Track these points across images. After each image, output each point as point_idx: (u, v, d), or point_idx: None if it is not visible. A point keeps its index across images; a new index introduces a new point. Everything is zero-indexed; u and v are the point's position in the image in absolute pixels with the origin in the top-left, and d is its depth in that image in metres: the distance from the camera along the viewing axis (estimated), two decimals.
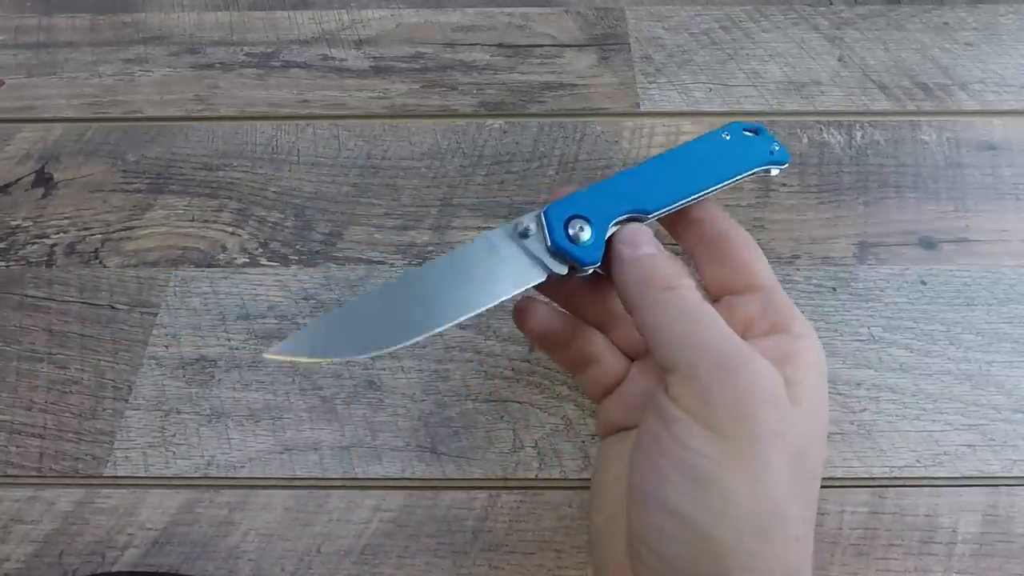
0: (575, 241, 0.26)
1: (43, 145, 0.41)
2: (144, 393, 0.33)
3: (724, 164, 0.28)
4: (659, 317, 0.23)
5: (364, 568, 0.29)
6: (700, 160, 0.28)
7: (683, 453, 0.21)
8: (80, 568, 0.29)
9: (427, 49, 0.45)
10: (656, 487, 0.22)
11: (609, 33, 0.46)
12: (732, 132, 0.28)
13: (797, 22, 0.46)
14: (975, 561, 0.29)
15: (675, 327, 0.23)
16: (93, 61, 0.45)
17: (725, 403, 0.21)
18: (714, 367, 0.22)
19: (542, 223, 0.26)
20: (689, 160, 0.27)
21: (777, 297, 0.26)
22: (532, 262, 0.26)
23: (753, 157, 0.28)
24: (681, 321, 0.23)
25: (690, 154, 0.28)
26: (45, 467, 0.31)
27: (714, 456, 0.21)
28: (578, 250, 0.25)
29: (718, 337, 0.23)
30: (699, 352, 0.22)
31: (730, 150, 0.28)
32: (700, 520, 0.21)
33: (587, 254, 0.26)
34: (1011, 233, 0.37)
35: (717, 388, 0.22)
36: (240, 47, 0.46)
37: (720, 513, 0.21)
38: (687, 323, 0.23)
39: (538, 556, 0.29)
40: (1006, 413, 0.32)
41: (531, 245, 0.26)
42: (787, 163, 0.28)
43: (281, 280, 0.36)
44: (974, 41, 0.45)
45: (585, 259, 0.26)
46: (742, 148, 0.28)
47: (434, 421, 0.32)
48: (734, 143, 0.28)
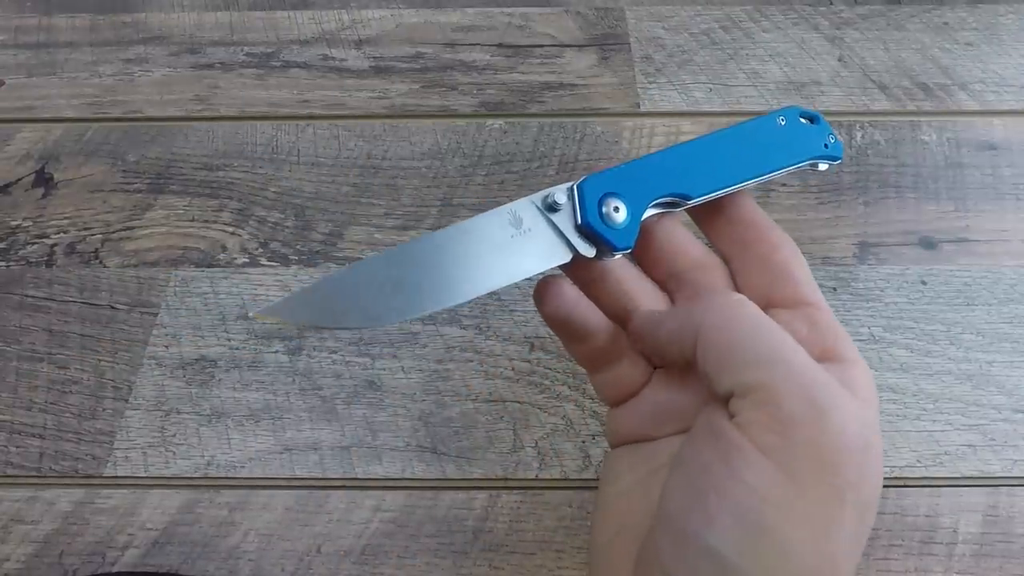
0: (608, 221, 0.23)
1: (43, 145, 0.41)
2: (144, 393, 0.33)
3: (775, 152, 0.25)
4: (731, 330, 0.20)
5: (364, 568, 0.29)
6: (750, 144, 0.25)
7: (742, 493, 0.18)
8: (80, 568, 0.29)
9: (427, 49, 0.45)
10: (700, 526, 0.19)
11: (609, 33, 0.46)
12: (788, 117, 0.26)
13: (797, 22, 0.46)
14: (975, 561, 0.29)
15: (753, 343, 0.20)
16: (93, 61, 0.45)
17: (810, 444, 0.18)
18: (804, 399, 0.19)
19: (574, 197, 0.24)
20: (738, 143, 0.25)
21: (826, 316, 0.23)
22: (558, 239, 0.23)
23: (806, 148, 0.25)
24: (759, 338, 0.20)
25: (741, 137, 0.25)
26: (45, 467, 0.31)
27: (781, 504, 0.18)
28: (610, 232, 0.23)
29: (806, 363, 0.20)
30: (786, 377, 0.19)
31: (784, 137, 0.25)
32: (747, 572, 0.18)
33: (620, 238, 0.23)
34: (1011, 233, 0.37)
35: (804, 425, 0.18)
36: (240, 47, 0.46)
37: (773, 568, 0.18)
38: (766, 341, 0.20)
39: (538, 556, 0.29)
40: (1007, 413, 0.32)
41: (559, 220, 0.23)
42: (840, 159, 0.26)
43: (281, 280, 0.36)
44: (974, 41, 0.45)
45: (617, 243, 0.23)
46: (796, 136, 0.25)
47: (434, 421, 0.32)
48: (789, 129, 0.25)
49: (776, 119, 0.26)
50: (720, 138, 0.25)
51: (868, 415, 0.20)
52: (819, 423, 0.19)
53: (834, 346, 0.22)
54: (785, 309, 0.23)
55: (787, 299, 0.23)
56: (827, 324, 0.22)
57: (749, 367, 0.20)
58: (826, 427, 0.18)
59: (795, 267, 0.24)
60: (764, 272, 0.24)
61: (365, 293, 0.22)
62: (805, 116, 0.26)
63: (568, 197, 0.24)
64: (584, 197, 0.23)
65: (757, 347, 0.20)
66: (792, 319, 0.22)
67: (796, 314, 0.23)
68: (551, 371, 0.33)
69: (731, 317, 0.21)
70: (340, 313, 0.22)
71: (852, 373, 0.21)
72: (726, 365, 0.20)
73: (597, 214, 0.23)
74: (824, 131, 0.26)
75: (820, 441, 0.18)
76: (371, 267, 0.23)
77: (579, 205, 0.23)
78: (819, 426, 0.18)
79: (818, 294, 0.23)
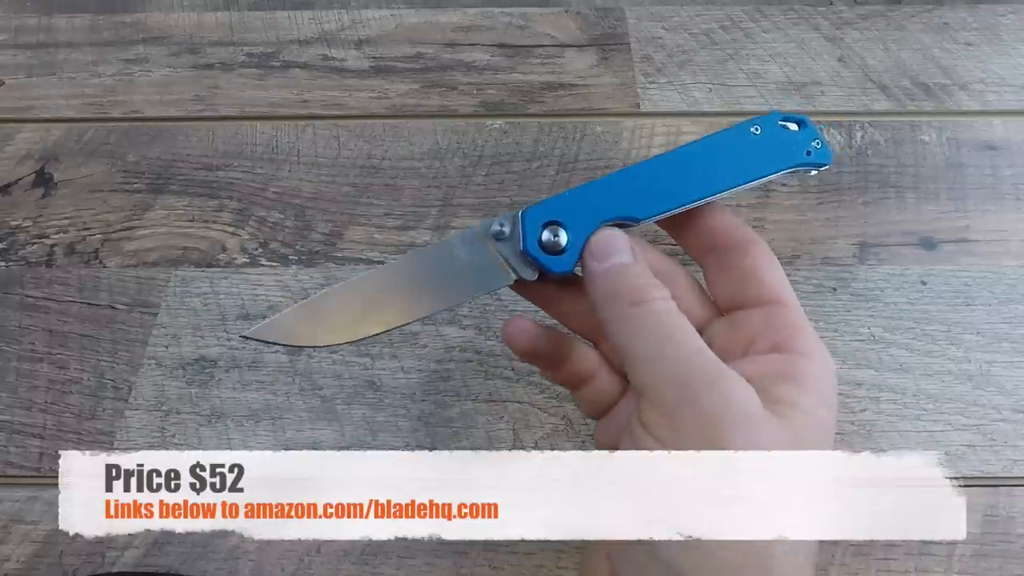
0: (549, 248, 0.24)
1: (43, 145, 0.41)
2: (144, 393, 0.33)
3: (744, 164, 0.25)
4: (626, 335, 0.22)
5: (364, 568, 0.29)
6: (715, 159, 0.25)
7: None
8: (80, 568, 0.29)
9: (427, 49, 0.45)
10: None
11: (609, 33, 0.46)
12: (765, 125, 0.25)
13: (797, 22, 0.46)
14: (975, 561, 0.29)
15: (642, 346, 0.21)
16: (93, 61, 0.45)
17: (693, 428, 0.20)
18: (680, 388, 0.20)
19: (518, 225, 0.25)
20: (702, 158, 0.25)
21: (784, 311, 0.24)
22: (501, 265, 0.25)
23: (784, 156, 0.25)
24: (649, 340, 0.21)
25: (706, 151, 0.25)
26: (45, 467, 0.31)
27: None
28: (548, 259, 0.24)
29: (687, 355, 0.21)
30: (666, 373, 0.21)
31: (756, 147, 0.25)
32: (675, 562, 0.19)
33: (558, 263, 0.24)
34: (1011, 233, 0.37)
35: (684, 411, 0.20)
36: (240, 47, 0.46)
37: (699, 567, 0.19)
38: (655, 342, 0.21)
39: (538, 556, 0.29)
40: (1006, 413, 0.32)
41: (503, 248, 0.25)
42: (827, 165, 0.25)
43: (281, 280, 0.36)
44: (974, 41, 0.45)
45: (554, 269, 0.24)
46: (772, 145, 0.25)
47: (434, 421, 0.32)
48: (764, 139, 0.25)
49: (749, 128, 0.25)
50: (684, 153, 0.25)
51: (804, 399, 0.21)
52: (696, 405, 0.20)
53: (788, 340, 0.23)
54: (748, 309, 0.24)
55: (753, 299, 0.24)
56: (784, 320, 0.23)
57: (643, 369, 0.21)
58: (702, 407, 0.20)
59: (763, 269, 0.24)
60: (732, 277, 0.25)
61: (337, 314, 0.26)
62: (791, 120, 0.25)
63: (512, 226, 0.25)
64: (526, 225, 0.25)
65: (646, 349, 0.21)
66: (747, 317, 0.24)
67: (754, 312, 0.24)
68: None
69: (628, 323, 0.22)
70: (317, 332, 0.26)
71: (802, 364, 0.22)
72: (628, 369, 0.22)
73: (536, 242, 0.24)
74: (808, 137, 0.25)
75: (701, 421, 0.20)
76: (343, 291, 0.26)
77: (522, 232, 0.25)
78: (696, 408, 0.20)
79: (786, 292, 0.24)
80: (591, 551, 0.24)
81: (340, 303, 0.26)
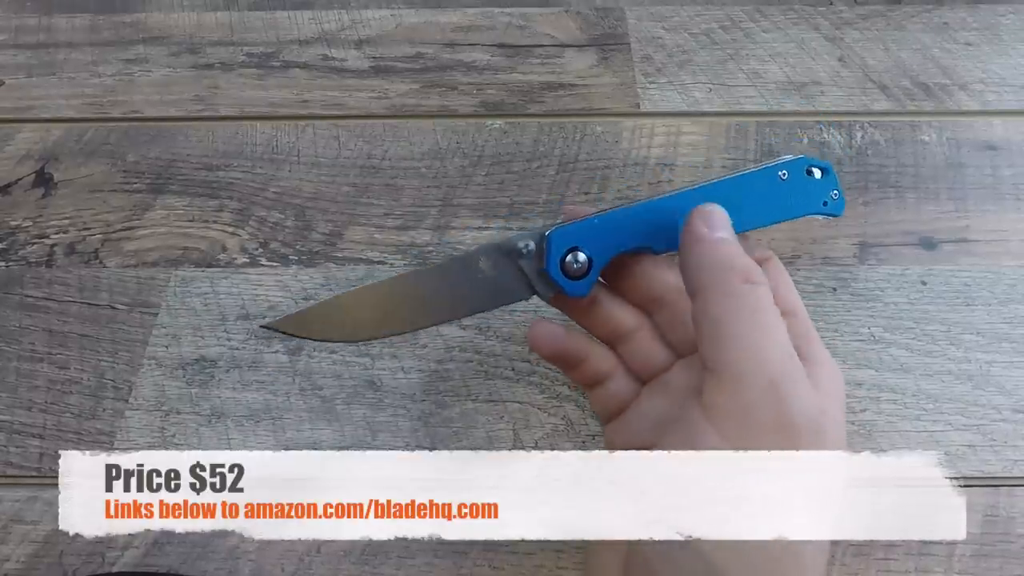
0: (569, 272, 0.25)
1: (43, 145, 0.41)
2: (144, 393, 0.33)
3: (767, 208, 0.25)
4: (727, 309, 0.21)
5: (364, 568, 0.29)
6: (740, 199, 0.25)
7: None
8: (80, 568, 0.29)
9: (427, 49, 0.45)
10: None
11: (609, 33, 0.46)
12: (793, 170, 0.25)
13: (797, 22, 0.46)
14: (975, 561, 0.29)
15: (741, 327, 0.21)
16: (93, 61, 0.45)
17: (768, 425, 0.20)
18: (767, 385, 0.20)
19: (542, 246, 0.26)
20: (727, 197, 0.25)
21: (796, 322, 0.24)
22: (521, 281, 0.26)
23: (803, 204, 0.26)
24: (750, 323, 0.21)
25: (732, 190, 0.25)
26: (45, 467, 0.31)
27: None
28: (568, 283, 0.25)
29: (782, 356, 0.21)
30: (756, 364, 0.20)
31: (781, 191, 0.25)
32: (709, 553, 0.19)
33: (576, 288, 0.25)
34: (1011, 233, 0.37)
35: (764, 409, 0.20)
36: (240, 47, 0.46)
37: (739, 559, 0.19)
38: (757, 328, 0.21)
39: (538, 556, 0.29)
40: (1006, 413, 0.32)
41: (525, 265, 0.26)
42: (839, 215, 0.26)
43: (281, 280, 0.36)
44: (974, 41, 0.45)
45: (572, 293, 0.25)
46: (795, 192, 0.26)
47: (434, 421, 0.32)
48: (790, 184, 0.25)
49: (778, 172, 0.26)
50: (708, 191, 0.25)
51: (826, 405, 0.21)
52: (780, 406, 0.20)
53: (801, 349, 0.23)
54: None
55: None
56: (796, 330, 0.24)
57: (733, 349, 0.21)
58: (785, 409, 0.20)
59: (776, 282, 0.25)
60: None
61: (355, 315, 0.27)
62: (816, 167, 0.26)
63: (537, 246, 0.26)
64: (551, 248, 0.25)
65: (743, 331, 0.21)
66: None
67: None
68: (551, 371, 0.33)
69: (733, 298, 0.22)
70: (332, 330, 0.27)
71: (817, 371, 0.22)
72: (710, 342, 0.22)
73: (558, 265, 0.25)
74: (829, 186, 0.26)
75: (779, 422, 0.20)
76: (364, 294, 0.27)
77: (546, 254, 0.25)
78: (778, 409, 0.20)
79: (797, 303, 0.25)
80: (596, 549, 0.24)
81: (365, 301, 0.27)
